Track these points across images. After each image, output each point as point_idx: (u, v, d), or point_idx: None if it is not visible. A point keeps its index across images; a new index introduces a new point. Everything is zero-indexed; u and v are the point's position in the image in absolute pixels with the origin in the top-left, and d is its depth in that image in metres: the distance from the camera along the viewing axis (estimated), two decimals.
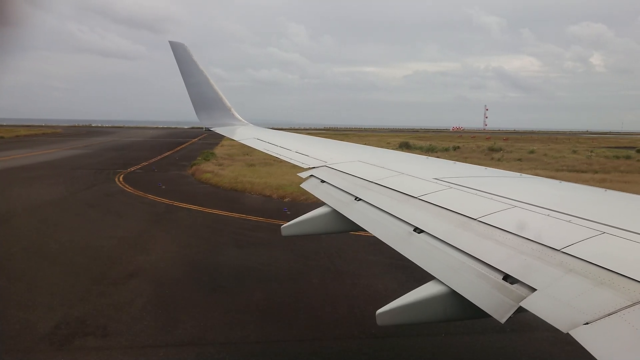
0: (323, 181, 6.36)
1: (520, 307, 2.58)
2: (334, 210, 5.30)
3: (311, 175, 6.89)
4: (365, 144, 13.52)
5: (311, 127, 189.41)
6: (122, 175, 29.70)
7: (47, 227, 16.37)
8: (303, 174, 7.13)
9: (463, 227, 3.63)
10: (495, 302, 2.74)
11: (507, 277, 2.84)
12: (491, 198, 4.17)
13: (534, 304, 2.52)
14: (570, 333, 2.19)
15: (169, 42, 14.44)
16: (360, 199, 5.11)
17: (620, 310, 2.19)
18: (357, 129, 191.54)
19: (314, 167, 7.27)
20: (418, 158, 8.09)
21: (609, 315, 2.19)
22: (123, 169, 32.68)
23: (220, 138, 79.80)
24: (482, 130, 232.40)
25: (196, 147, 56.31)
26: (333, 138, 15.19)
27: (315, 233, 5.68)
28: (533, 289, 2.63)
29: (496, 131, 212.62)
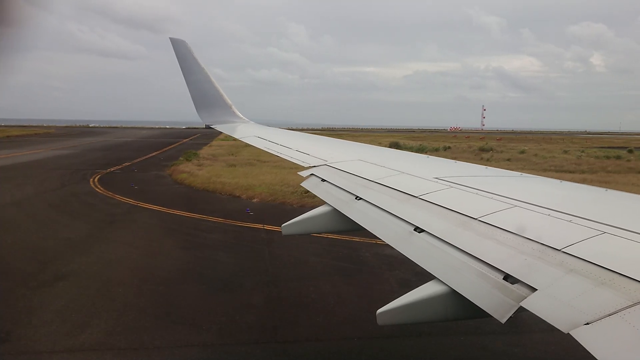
0: (323, 180, 6.35)
1: (520, 307, 2.58)
2: (335, 209, 5.30)
3: (312, 174, 6.88)
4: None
5: (308, 127, 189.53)
6: (99, 175, 29.46)
7: None
8: (303, 173, 7.13)
9: (464, 227, 3.63)
10: (495, 302, 2.74)
11: (508, 277, 2.84)
12: (492, 197, 4.16)
13: (535, 304, 2.52)
14: (570, 333, 2.19)
15: (170, 39, 14.41)
16: (360, 198, 5.10)
17: (620, 310, 2.19)
18: (352, 129, 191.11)
19: (315, 166, 7.26)
20: (419, 157, 8.09)
21: (610, 315, 2.19)
22: (102, 170, 32.38)
23: (210, 138, 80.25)
24: (480, 130, 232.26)
25: (184, 148, 55.73)
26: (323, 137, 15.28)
27: (315, 232, 5.68)
28: (533, 289, 2.63)
29: (493, 131, 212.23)
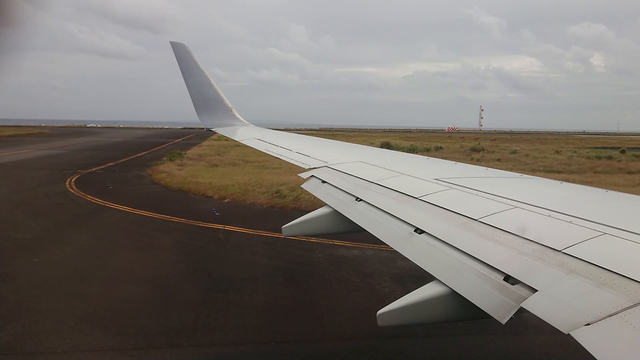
0: (324, 182, 6.36)
1: (521, 308, 2.58)
2: (335, 210, 5.30)
3: (312, 175, 6.89)
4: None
5: (306, 128, 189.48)
6: (79, 175, 29.17)
7: None
8: (304, 175, 7.13)
9: (464, 228, 3.63)
10: (496, 303, 2.74)
11: (508, 278, 2.83)
12: (492, 198, 4.16)
13: (535, 305, 2.52)
14: (571, 334, 2.19)
15: (170, 43, 14.45)
16: (361, 200, 5.11)
17: (621, 311, 2.19)
18: (348, 130, 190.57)
19: (315, 168, 7.27)
20: (419, 158, 8.09)
21: (610, 316, 2.19)
22: (84, 170, 32.09)
23: (203, 138, 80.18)
24: (478, 130, 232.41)
25: (174, 148, 55.27)
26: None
27: (316, 233, 5.68)
28: (534, 290, 2.62)
29: (491, 132, 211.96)
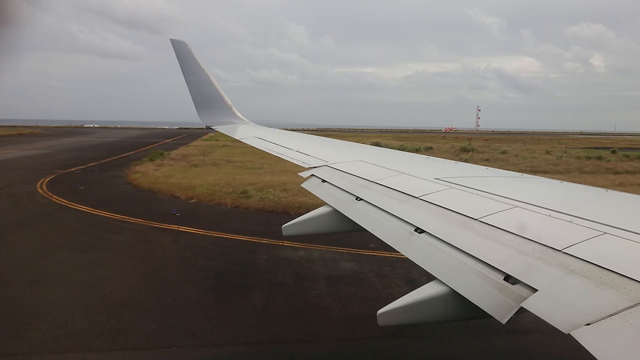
0: (324, 181, 6.35)
1: (521, 308, 2.58)
2: (335, 210, 5.30)
3: (312, 174, 6.88)
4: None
5: (304, 127, 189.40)
6: (55, 176, 28.71)
7: None
8: (304, 174, 7.12)
9: (464, 227, 3.63)
10: (496, 303, 2.74)
11: (508, 278, 2.83)
12: (492, 198, 4.16)
13: (535, 305, 2.52)
14: (571, 334, 2.19)
15: (170, 40, 14.43)
16: (361, 199, 5.10)
17: (621, 311, 2.19)
18: (343, 130, 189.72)
19: (315, 167, 7.26)
20: (419, 158, 8.08)
21: (611, 316, 2.19)
22: (63, 170, 31.64)
23: (194, 138, 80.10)
24: (475, 131, 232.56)
25: (162, 148, 54.66)
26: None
27: (316, 233, 5.67)
28: (534, 290, 2.62)
29: (488, 132, 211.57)
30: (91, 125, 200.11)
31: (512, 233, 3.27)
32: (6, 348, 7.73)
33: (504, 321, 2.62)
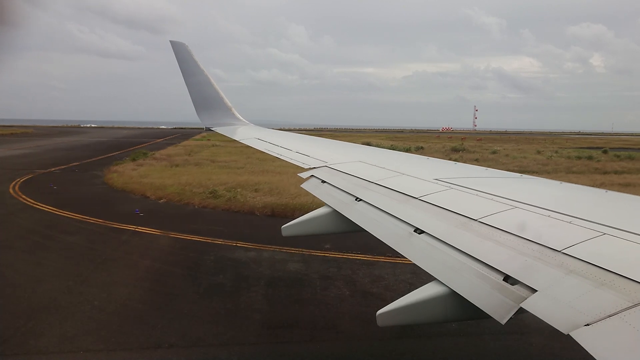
0: (324, 181, 6.36)
1: (520, 308, 2.58)
2: (335, 210, 5.30)
3: (312, 175, 6.88)
4: None
5: (299, 127, 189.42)
6: (33, 176, 28.49)
7: None
8: (304, 174, 7.12)
9: (463, 228, 3.63)
10: (495, 303, 2.74)
11: (508, 278, 2.83)
12: (491, 199, 4.16)
13: (535, 305, 2.52)
14: (571, 334, 2.19)
15: (170, 42, 14.44)
16: (360, 200, 5.10)
17: (621, 311, 2.19)
18: (335, 130, 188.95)
19: (315, 168, 7.27)
20: (419, 158, 8.08)
21: (610, 316, 2.19)
22: (43, 169, 31.38)
23: (184, 138, 79.26)
24: (472, 131, 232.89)
25: (151, 147, 54.44)
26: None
27: (315, 233, 5.67)
28: (533, 290, 2.63)
29: (484, 132, 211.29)
30: (88, 125, 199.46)
31: (512, 233, 3.28)
32: None
33: (504, 322, 2.62)
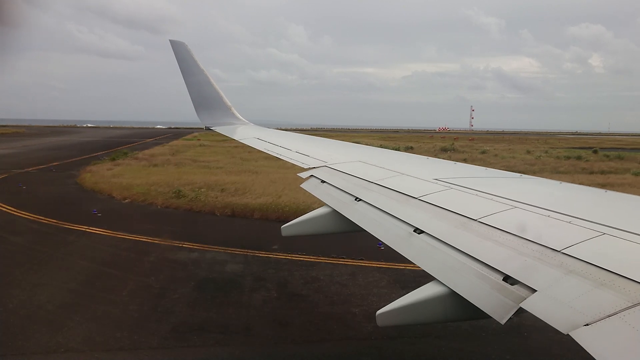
0: (323, 181, 6.36)
1: (520, 308, 2.58)
2: (334, 210, 5.30)
3: (311, 175, 6.88)
4: None
5: (296, 127, 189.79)
6: (7, 175, 28.40)
7: None
8: (303, 174, 7.12)
9: (463, 228, 3.63)
10: (495, 303, 2.74)
11: (507, 278, 2.83)
12: (491, 199, 4.16)
13: (534, 305, 2.52)
14: (570, 334, 2.19)
15: (170, 41, 14.42)
16: (360, 200, 5.11)
17: (620, 311, 2.19)
18: (331, 130, 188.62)
19: (314, 167, 7.26)
20: (418, 158, 8.08)
21: (610, 316, 2.19)
22: (19, 169, 31.33)
23: (175, 138, 79.02)
24: (469, 130, 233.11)
25: (136, 147, 54.28)
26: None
27: (315, 233, 5.67)
28: (533, 290, 2.63)
29: (480, 132, 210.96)
30: (85, 125, 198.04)
31: (511, 233, 3.28)
32: None
33: (503, 322, 2.62)
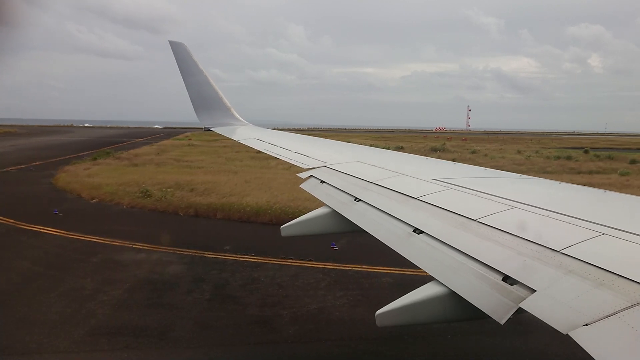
0: (323, 182, 6.36)
1: (519, 308, 2.58)
2: (334, 210, 5.30)
3: (311, 175, 6.88)
4: None
5: (295, 127, 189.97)
6: None
7: None
8: (303, 175, 7.12)
9: (462, 228, 3.63)
10: (494, 303, 2.74)
11: (507, 278, 2.84)
12: (490, 199, 4.16)
13: (534, 305, 2.52)
14: (569, 334, 2.19)
15: (169, 42, 14.41)
16: (359, 200, 5.11)
17: (619, 311, 2.19)
18: (329, 130, 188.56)
19: (314, 168, 7.26)
20: (418, 159, 8.08)
21: (609, 316, 2.19)
22: (1, 169, 31.20)
23: (166, 137, 78.60)
24: (466, 130, 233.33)
25: (124, 147, 54.24)
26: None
27: (314, 233, 5.66)
28: (532, 290, 2.63)
29: (476, 132, 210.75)
30: (84, 124, 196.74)
31: (511, 234, 3.28)
32: None
33: (503, 322, 2.62)
